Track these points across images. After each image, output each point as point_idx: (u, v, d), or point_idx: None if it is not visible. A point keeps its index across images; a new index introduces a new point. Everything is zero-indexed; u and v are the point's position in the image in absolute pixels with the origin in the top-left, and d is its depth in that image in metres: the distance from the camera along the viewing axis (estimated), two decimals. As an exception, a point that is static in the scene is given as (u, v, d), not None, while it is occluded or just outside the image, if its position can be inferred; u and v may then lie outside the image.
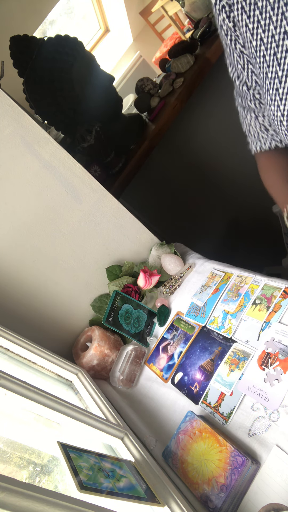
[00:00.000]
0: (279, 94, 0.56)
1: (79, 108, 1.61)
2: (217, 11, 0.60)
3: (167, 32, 3.69)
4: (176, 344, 1.01)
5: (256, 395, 0.74)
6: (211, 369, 0.86)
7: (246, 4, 0.55)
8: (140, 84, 1.93)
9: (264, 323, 0.83)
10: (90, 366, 1.08)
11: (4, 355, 0.89)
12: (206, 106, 1.84)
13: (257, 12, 0.54)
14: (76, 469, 0.55)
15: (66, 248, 1.15)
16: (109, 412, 0.87)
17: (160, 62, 2.05)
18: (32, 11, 2.90)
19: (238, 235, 2.16)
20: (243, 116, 0.75)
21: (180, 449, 0.76)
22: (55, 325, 1.17)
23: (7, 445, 0.67)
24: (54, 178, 1.08)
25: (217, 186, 2.01)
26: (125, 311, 1.13)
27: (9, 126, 0.98)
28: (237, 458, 0.67)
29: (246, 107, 0.71)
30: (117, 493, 0.56)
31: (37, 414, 0.72)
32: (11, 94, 1.04)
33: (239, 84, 0.67)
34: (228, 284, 0.99)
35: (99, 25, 3.82)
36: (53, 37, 1.49)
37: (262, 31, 0.54)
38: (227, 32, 0.61)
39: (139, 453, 0.75)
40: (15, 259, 1.07)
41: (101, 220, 1.20)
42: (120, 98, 1.78)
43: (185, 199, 2.06)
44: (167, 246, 1.26)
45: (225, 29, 0.60)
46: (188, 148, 1.95)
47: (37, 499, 0.43)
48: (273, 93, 0.57)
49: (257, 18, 0.54)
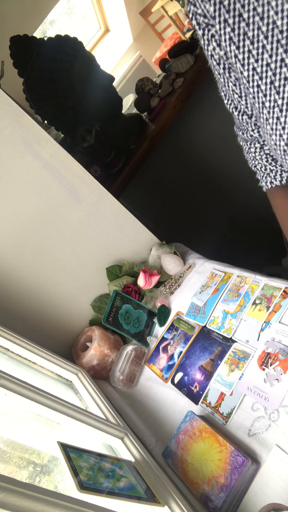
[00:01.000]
0: (281, 123, 0.54)
1: (79, 108, 1.61)
2: (206, 41, 0.57)
3: (167, 32, 3.69)
4: (176, 344, 1.01)
5: (256, 395, 0.74)
6: (211, 369, 0.86)
7: (234, 34, 0.52)
8: (140, 84, 1.94)
9: (264, 323, 0.83)
10: (90, 366, 1.08)
11: (4, 355, 0.89)
12: (206, 106, 1.84)
13: (247, 42, 0.51)
14: (76, 469, 0.55)
15: (66, 248, 1.15)
16: (109, 412, 0.87)
17: (160, 62, 2.05)
18: (32, 11, 2.90)
19: (238, 235, 2.16)
20: (247, 150, 0.71)
21: (180, 449, 0.76)
22: (55, 325, 1.17)
23: (7, 445, 0.67)
24: (54, 178, 1.08)
25: (217, 186, 2.01)
26: (125, 311, 1.13)
27: (9, 126, 0.98)
28: (237, 458, 0.67)
29: (249, 139, 0.68)
30: (117, 493, 0.56)
31: (37, 414, 0.72)
32: (11, 94, 1.04)
33: (238, 114, 0.64)
34: (228, 284, 0.99)
35: (99, 25, 3.82)
36: (53, 37, 1.49)
37: (254, 60, 0.52)
38: (219, 61, 0.58)
39: (139, 453, 0.75)
40: (15, 259, 1.07)
41: (101, 220, 1.20)
42: (120, 98, 1.78)
43: (185, 199, 2.06)
44: (167, 246, 1.26)
45: (217, 58, 0.57)
46: (188, 148, 1.95)
47: (37, 499, 0.43)
48: (274, 122, 0.55)
49: (248, 48, 0.52)
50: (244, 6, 0.49)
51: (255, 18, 0.49)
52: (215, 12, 0.52)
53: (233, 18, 0.51)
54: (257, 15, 0.49)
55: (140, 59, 3.87)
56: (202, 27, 0.56)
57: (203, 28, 0.56)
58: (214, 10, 0.52)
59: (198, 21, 0.55)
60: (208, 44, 0.57)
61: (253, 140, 0.67)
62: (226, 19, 0.52)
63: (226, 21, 0.52)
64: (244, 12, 0.50)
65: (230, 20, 0.52)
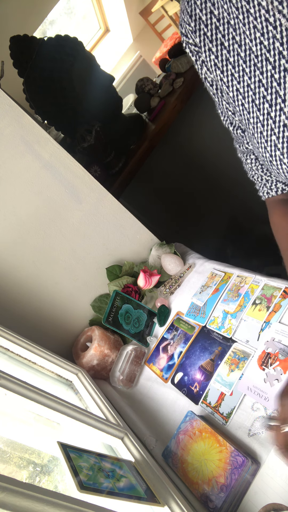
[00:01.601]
0: (264, 137, 0.60)
1: (79, 108, 1.61)
2: (198, 66, 0.64)
3: (167, 32, 3.69)
4: (176, 344, 1.01)
5: (256, 395, 0.74)
6: (211, 369, 0.86)
7: (218, 61, 0.59)
8: (140, 84, 1.93)
9: (264, 323, 0.83)
10: (90, 366, 1.08)
11: (4, 355, 0.89)
12: (206, 106, 1.84)
13: (229, 66, 0.58)
14: (76, 469, 0.55)
15: (66, 248, 1.15)
16: (109, 412, 0.87)
17: (160, 62, 2.05)
18: (32, 11, 2.90)
19: (238, 235, 2.16)
20: (245, 162, 0.75)
21: (180, 449, 0.76)
22: (55, 325, 1.17)
23: (7, 445, 0.67)
24: (54, 178, 1.08)
25: (217, 186, 2.01)
26: (125, 311, 1.13)
27: (9, 126, 0.98)
28: (237, 458, 0.67)
29: (245, 151, 0.72)
30: (117, 493, 0.56)
31: (37, 414, 0.72)
32: (11, 94, 1.04)
33: (233, 129, 0.70)
34: (228, 284, 0.99)
35: (99, 25, 3.82)
36: (53, 37, 1.49)
37: (237, 82, 0.59)
38: (212, 83, 0.64)
39: (139, 453, 0.75)
40: (15, 259, 1.07)
41: (101, 220, 1.20)
42: (120, 98, 1.78)
43: (186, 199, 2.06)
44: (167, 246, 1.26)
45: (210, 80, 0.64)
46: (188, 148, 1.95)
47: (37, 499, 0.43)
48: (258, 136, 0.61)
49: (230, 72, 0.59)
50: (224, 36, 0.57)
51: (235, 45, 0.56)
52: (200, 42, 0.60)
53: (215, 46, 0.59)
54: (235, 43, 0.56)
55: (140, 59, 3.87)
56: (194, 54, 0.63)
57: (195, 55, 0.63)
58: (199, 41, 0.60)
59: (190, 49, 0.63)
60: (201, 68, 0.64)
61: (249, 152, 0.72)
62: (210, 48, 0.60)
63: (210, 50, 0.60)
64: (225, 41, 0.57)
65: (214, 48, 0.59)
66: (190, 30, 0.61)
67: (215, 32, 0.58)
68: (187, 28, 0.61)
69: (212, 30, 0.58)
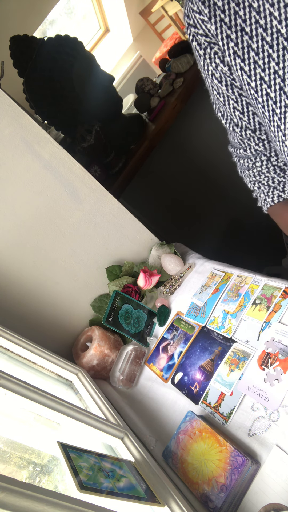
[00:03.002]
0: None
1: (79, 108, 1.61)
2: (207, 60, 0.58)
3: (167, 32, 3.69)
4: (176, 344, 1.01)
5: (256, 395, 0.74)
6: (211, 369, 0.86)
7: (238, 48, 0.54)
8: (140, 84, 1.94)
9: (264, 323, 0.83)
10: (90, 366, 1.08)
11: (4, 355, 0.89)
12: (206, 106, 1.84)
13: (252, 54, 0.53)
14: (76, 469, 0.55)
15: (66, 248, 1.15)
16: (109, 412, 0.87)
17: (160, 62, 2.05)
18: (32, 11, 2.90)
19: (238, 235, 2.16)
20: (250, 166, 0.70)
21: (180, 449, 0.76)
22: (55, 325, 1.17)
23: (7, 445, 0.67)
24: (54, 178, 1.08)
25: (218, 186, 2.01)
26: (125, 311, 1.13)
27: (9, 126, 0.98)
28: (237, 458, 0.67)
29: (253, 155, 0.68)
30: (117, 493, 0.56)
31: (37, 414, 0.72)
32: (11, 94, 1.04)
33: (241, 131, 0.65)
34: (228, 284, 0.99)
35: (99, 25, 3.82)
36: (53, 37, 1.49)
37: (261, 70, 0.54)
38: (221, 79, 0.59)
39: (139, 453, 0.75)
40: (15, 259, 1.07)
41: (101, 220, 1.20)
42: (120, 98, 1.78)
43: (185, 199, 2.06)
44: (167, 246, 1.26)
45: (218, 76, 0.59)
46: (188, 148, 1.95)
47: (37, 499, 0.43)
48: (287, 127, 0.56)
49: (253, 60, 0.53)
50: (245, 21, 0.51)
51: (258, 30, 0.51)
52: (216, 30, 0.54)
53: (235, 33, 0.53)
54: (260, 27, 0.51)
55: (140, 59, 3.87)
56: (203, 47, 0.58)
57: (205, 48, 0.58)
58: (215, 28, 0.54)
59: (199, 42, 0.58)
60: (210, 63, 0.59)
61: (258, 154, 0.67)
62: (228, 35, 0.54)
63: (229, 37, 0.54)
64: (246, 26, 0.52)
65: (233, 35, 0.53)
66: (201, 19, 0.56)
67: (234, 17, 0.52)
68: (197, 17, 0.56)
69: (230, 15, 0.52)
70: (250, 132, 0.64)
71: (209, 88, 0.65)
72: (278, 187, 0.70)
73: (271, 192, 0.71)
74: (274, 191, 0.71)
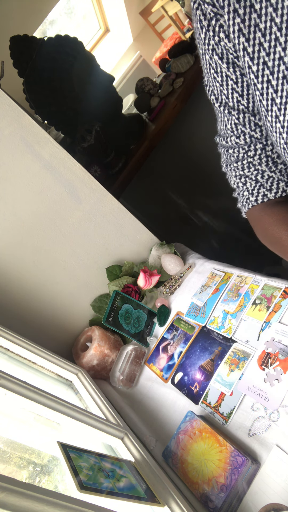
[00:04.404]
0: None
1: (79, 108, 1.61)
2: (211, 32, 0.52)
3: (167, 32, 3.70)
4: (176, 344, 1.01)
5: (256, 395, 0.74)
6: (211, 369, 0.86)
7: (244, 26, 0.49)
8: (140, 84, 1.94)
9: (264, 323, 0.83)
10: (90, 366, 1.08)
11: (4, 355, 0.89)
12: (206, 106, 1.84)
13: (258, 34, 0.48)
14: (76, 469, 0.55)
15: (66, 248, 1.15)
16: (109, 412, 0.87)
17: (160, 62, 2.05)
18: (32, 11, 2.90)
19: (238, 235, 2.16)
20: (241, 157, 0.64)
21: (180, 449, 0.76)
22: (55, 325, 1.17)
23: (7, 445, 0.67)
24: (54, 178, 1.08)
25: (218, 186, 2.01)
26: (125, 311, 1.13)
27: (9, 126, 0.98)
28: (237, 458, 0.67)
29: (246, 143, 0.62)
30: (117, 493, 0.56)
31: (37, 414, 0.72)
32: (11, 94, 1.04)
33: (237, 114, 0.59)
34: (228, 284, 0.99)
35: (99, 25, 3.82)
36: (53, 37, 1.49)
37: (265, 54, 0.49)
38: (222, 56, 0.53)
39: (139, 453, 0.75)
40: (15, 259, 1.07)
41: (101, 220, 1.20)
42: (120, 98, 1.78)
43: (185, 199, 2.06)
44: (167, 246, 1.26)
45: (220, 52, 0.53)
46: (188, 148, 1.95)
47: (37, 499, 0.43)
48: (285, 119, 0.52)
49: (259, 41, 0.48)
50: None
51: (268, 9, 0.46)
52: (224, 1, 0.49)
53: (243, 8, 0.47)
54: (270, 6, 0.45)
55: (140, 59, 3.88)
56: (208, 18, 0.52)
57: (210, 19, 0.51)
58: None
59: (204, 11, 0.51)
60: (213, 36, 0.52)
61: (253, 142, 0.62)
62: (236, 9, 0.48)
63: (236, 11, 0.48)
64: (256, 2, 0.46)
65: (241, 10, 0.48)
66: None
67: None
68: None
69: None
70: (249, 115, 0.59)
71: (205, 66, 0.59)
72: (265, 184, 0.65)
73: (256, 190, 0.66)
74: (260, 188, 0.65)
